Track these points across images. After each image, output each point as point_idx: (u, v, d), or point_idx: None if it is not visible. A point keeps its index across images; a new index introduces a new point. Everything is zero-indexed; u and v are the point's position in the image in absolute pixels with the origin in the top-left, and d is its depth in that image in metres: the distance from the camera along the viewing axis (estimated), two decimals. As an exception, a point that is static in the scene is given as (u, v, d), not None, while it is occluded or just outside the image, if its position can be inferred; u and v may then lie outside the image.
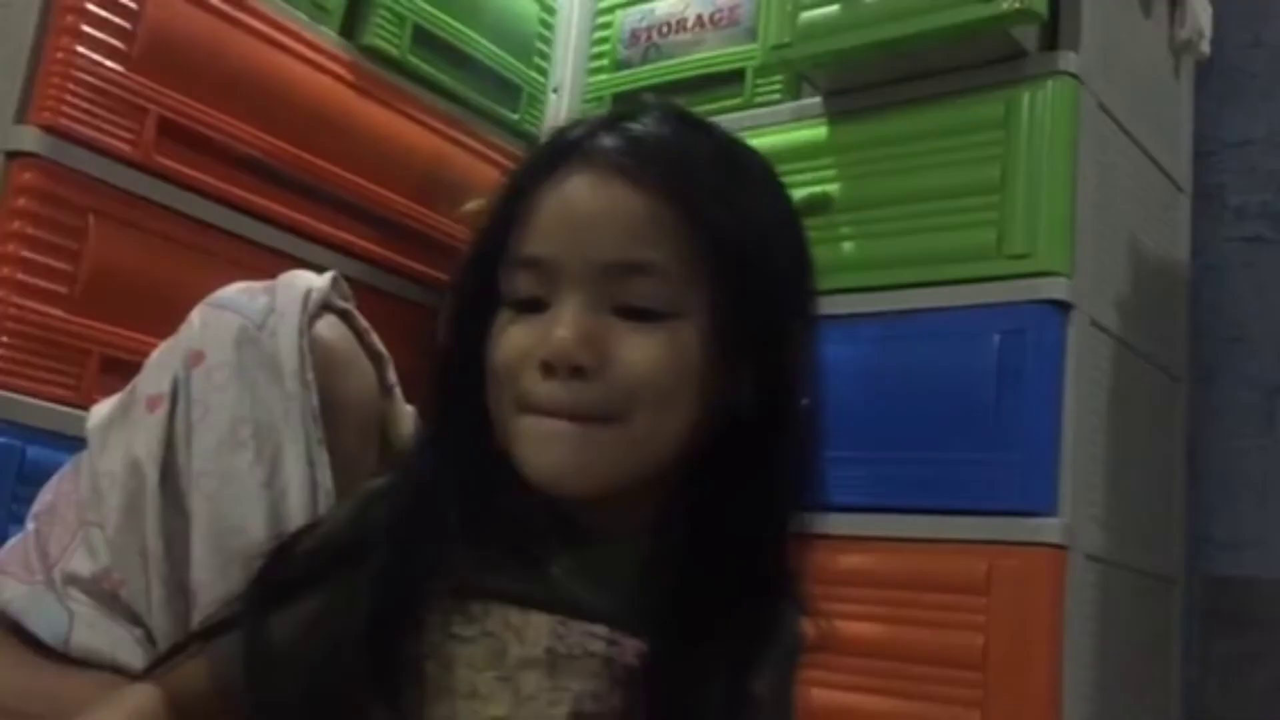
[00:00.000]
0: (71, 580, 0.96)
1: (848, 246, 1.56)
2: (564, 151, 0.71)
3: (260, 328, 1.00)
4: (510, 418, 0.70)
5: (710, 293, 0.69)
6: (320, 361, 0.99)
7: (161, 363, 1.02)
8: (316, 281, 1.03)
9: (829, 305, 1.50)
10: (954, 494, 1.42)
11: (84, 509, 1.00)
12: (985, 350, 1.44)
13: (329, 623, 0.70)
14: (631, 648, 0.68)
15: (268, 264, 1.52)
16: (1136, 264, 1.61)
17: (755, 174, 0.75)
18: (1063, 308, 1.42)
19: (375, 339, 1.07)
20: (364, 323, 1.06)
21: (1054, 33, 1.53)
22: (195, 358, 1.00)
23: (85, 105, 1.34)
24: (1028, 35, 1.50)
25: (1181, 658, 1.66)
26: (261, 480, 0.95)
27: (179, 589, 0.94)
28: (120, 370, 1.36)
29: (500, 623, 0.68)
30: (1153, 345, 1.64)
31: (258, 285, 1.04)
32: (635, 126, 0.71)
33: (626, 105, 0.76)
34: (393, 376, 1.05)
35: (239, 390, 0.98)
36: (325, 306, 1.02)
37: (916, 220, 1.52)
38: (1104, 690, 1.42)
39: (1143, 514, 1.59)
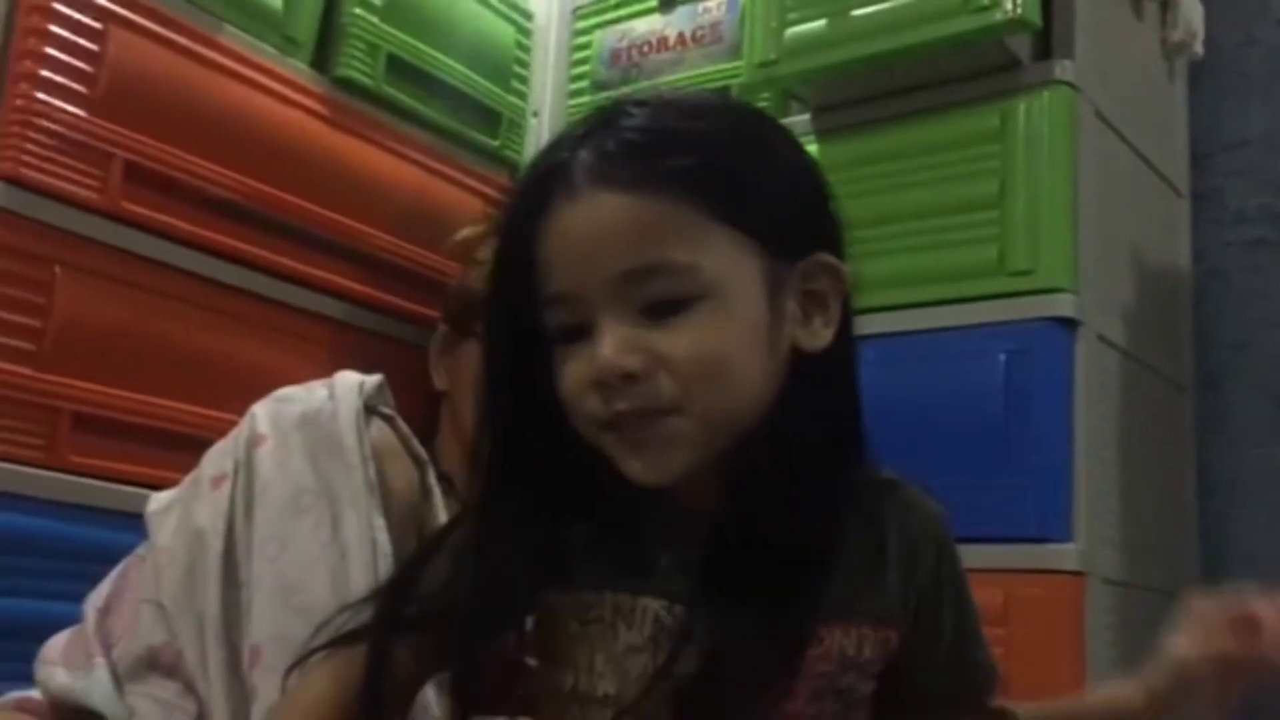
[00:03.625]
0: (131, 663, 1.03)
1: (844, 268, 1.50)
2: (546, 181, 0.74)
3: (319, 412, 1.13)
4: (596, 438, 0.74)
5: (740, 251, 0.72)
6: (373, 450, 1.11)
7: (223, 449, 1.13)
8: (368, 378, 1.18)
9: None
10: (965, 522, 1.34)
11: (142, 589, 1.08)
12: (991, 371, 1.39)
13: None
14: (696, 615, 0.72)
15: (246, 309, 1.47)
16: (1139, 274, 1.57)
17: (746, 127, 0.77)
18: (1069, 325, 1.38)
19: (416, 445, 1.18)
20: (406, 429, 1.18)
21: (1047, 41, 1.49)
22: (258, 440, 1.11)
23: (47, 153, 1.28)
24: (1021, 44, 1.46)
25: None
26: (324, 542, 1.03)
27: (233, 652, 1.01)
28: (94, 428, 1.31)
29: (611, 609, 0.74)
30: (1159, 357, 1.60)
31: (314, 383, 1.18)
32: (606, 133, 0.74)
33: (598, 112, 0.77)
34: (432, 479, 1.15)
35: (301, 464, 1.08)
36: (373, 410, 1.15)
37: (913, 238, 1.47)
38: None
39: (1156, 532, 1.55)
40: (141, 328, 1.36)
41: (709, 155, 0.72)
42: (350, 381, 1.17)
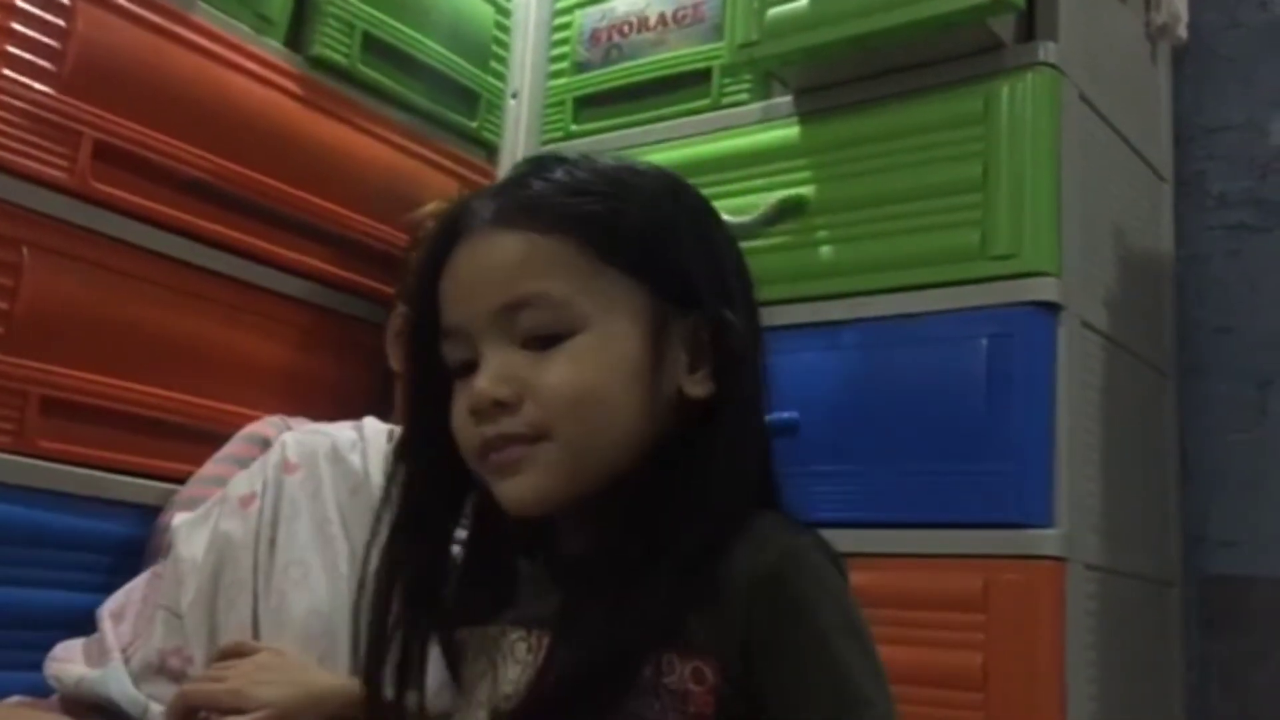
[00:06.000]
0: (141, 666, 1.08)
1: (825, 251, 1.49)
2: (456, 222, 0.78)
3: (351, 448, 1.19)
4: (477, 469, 0.77)
5: (626, 292, 0.75)
6: None
7: (252, 470, 1.21)
8: (395, 426, 1.23)
9: (808, 313, 1.49)
10: (946, 507, 1.36)
11: (160, 598, 1.13)
12: (973, 355, 1.38)
13: None
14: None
15: (218, 291, 1.45)
16: (1122, 259, 1.56)
17: (641, 182, 0.79)
18: (1052, 309, 1.37)
19: None
20: None
21: (1030, 22, 1.47)
22: (289, 467, 1.18)
23: (14, 131, 1.26)
24: (1004, 26, 1.44)
25: (1182, 661, 1.61)
26: (344, 574, 1.09)
27: None
28: (63, 412, 1.29)
29: (479, 640, 0.79)
30: (1141, 342, 1.59)
31: (344, 422, 1.26)
32: (522, 181, 0.78)
33: (525, 163, 0.82)
34: None
35: (329, 496, 1.15)
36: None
37: (896, 222, 1.46)
38: (1107, 702, 1.37)
39: (1137, 517, 1.54)
40: (111, 310, 1.34)
41: (606, 200, 0.76)
42: (380, 427, 1.23)
